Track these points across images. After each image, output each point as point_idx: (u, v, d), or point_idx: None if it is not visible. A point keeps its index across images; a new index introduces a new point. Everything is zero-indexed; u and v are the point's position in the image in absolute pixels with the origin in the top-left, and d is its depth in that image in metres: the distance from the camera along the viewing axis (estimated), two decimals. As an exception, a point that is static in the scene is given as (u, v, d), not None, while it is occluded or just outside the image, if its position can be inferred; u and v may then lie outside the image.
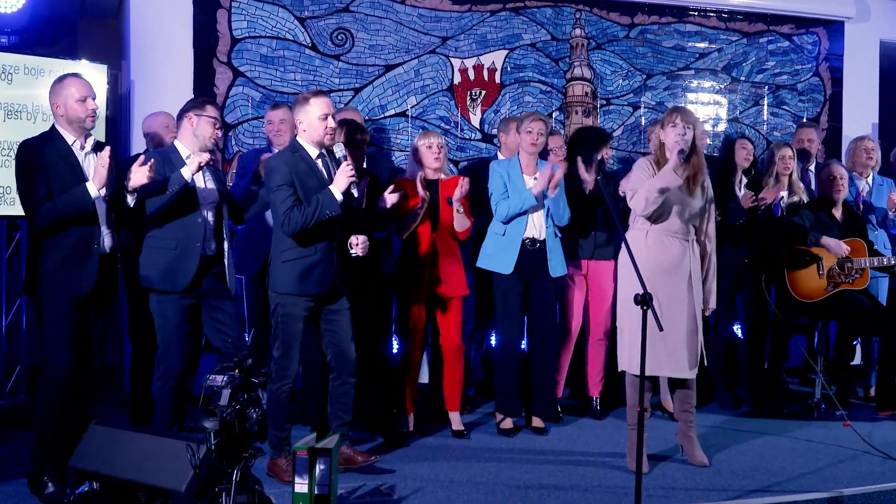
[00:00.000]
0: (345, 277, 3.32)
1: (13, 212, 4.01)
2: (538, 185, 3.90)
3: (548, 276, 4.05)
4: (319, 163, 3.30)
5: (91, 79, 3.30)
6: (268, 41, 4.86)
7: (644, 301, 2.85)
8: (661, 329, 2.94)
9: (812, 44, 5.89)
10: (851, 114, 5.90)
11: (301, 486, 2.92)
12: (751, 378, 4.68)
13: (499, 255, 4.00)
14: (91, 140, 3.21)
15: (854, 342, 4.93)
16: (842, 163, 4.81)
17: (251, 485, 2.46)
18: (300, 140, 3.32)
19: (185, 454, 2.49)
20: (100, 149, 3.19)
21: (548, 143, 4.53)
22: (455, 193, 3.86)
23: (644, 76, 5.57)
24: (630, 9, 5.51)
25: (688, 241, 3.51)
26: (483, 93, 5.26)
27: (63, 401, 3.05)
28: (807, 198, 4.66)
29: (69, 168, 3.07)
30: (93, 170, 3.11)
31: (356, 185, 3.22)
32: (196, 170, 3.17)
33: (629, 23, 5.53)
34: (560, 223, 4.06)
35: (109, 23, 5.38)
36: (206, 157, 3.18)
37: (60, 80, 3.15)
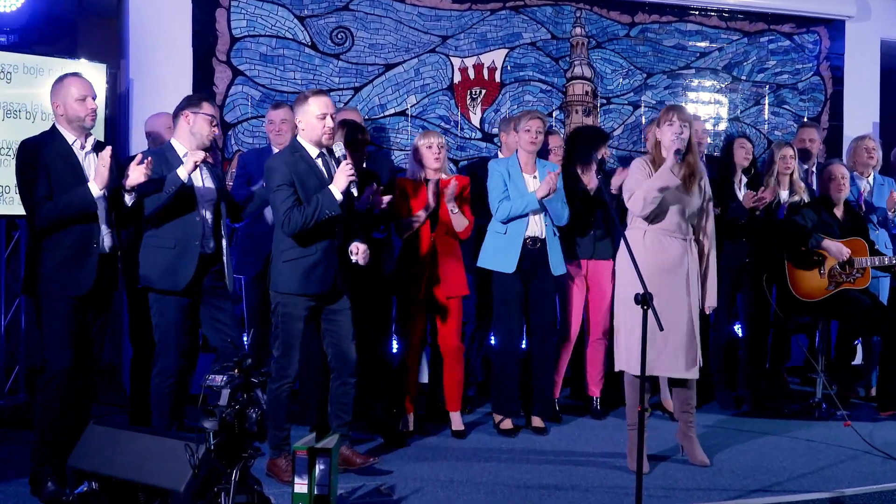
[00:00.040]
0: (346, 277, 3.31)
1: (12, 211, 4.01)
2: (542, 190, 3.87)
3: (548, 276, 4.04)
4: (319, 162, 3.29)
5: (90, 78, 3.30)
6: (267, 40, 4.85)
7: (644, 301, 2.84)
8: (662, 329, 2.93)
9: (813, 43, 5.88)
10: (852, 113, 5.89)
11: (300, 487, 2.92)
12: (751, 378, 4.68)
13: (501, 255, 3.99)
14: (91, 139, 3.20)
15: (855, 342, 4.93)
16: (843, 162, 4.81)
17: (250, 485, 2.46)
18: (300, 139, 3.31)
19: (185, 454, 2.49)
20: (100, 148, 3.19)
21: (548, 143, 4.53)
22: (446, 194, 3.84)
23: (644, 75, 5.56)
24: (630, 7, 5.50)
25: (686, 241, 3.50)
26: (483, 92, 5.25)
27: (62, 401, 3.04)
28: (808, 197, 4.65)
29: (69, 168, 3.07)
30: (93, 169, 3.11)
31: (356, 185, 3.20)
32: (192, 169, 3.15)
33: (630, 21, 5.52)
34: (559, 223, 4.05)
35: (108, 22, 5.37)
36: (202, 156, 3.16)
37: (61, 80, 3.15)
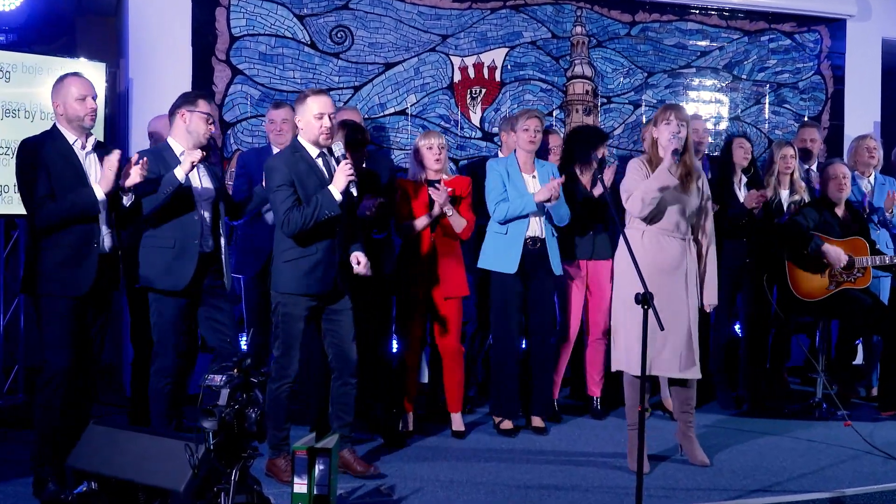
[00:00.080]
0: (347, 277, 3.30)
1: (11, 210, 4.00)
2: (542, 195, 3.86)
3: (547, 276, 4.03)
4: (320, 162, 3.28)
5: (89, 77, 3.29)
6: (267, 39, 4.84)
7: (645, 300, 2.83)
8: (663, 329, 2.92)
9: (814, 42, 5.87)
10: (853, 112, 5.88)
11: (300, 487, 2.91)
12: (751, 378, 4.67)
13: (501, 255, 3.98)
14: (91, 139, 3.20)
15: (856, 341, 4.92)
16: (844, 162, 4.79)
17: (250, 485, 2.46)
18: (301, 139, 3.30)
19: (184, 454, 2.49)
20: (101, 149, 3.19)
21: (548, 142, 4.52)
22: (437, 203, 3.81)
23: (645, 74, 5.55)
24: (631, 6, 5.49)
25: (685, 241, 3.49)
26: (483, 91, 5.24)
27: (62, 401, 3.03)
28: (808, 197, 4.64)
29: (70, 167, 3.06)
30: (94, 170, 3.11)
31: (355, 185, 3.19)
32: (189, 169, 3.14)
33: (630, 20, 5.51)
34: (561, 224, 4.04)
35: (108, 21, 5.37)
36: (199, 156, 3.15)
37: (61, 80, 3.15)
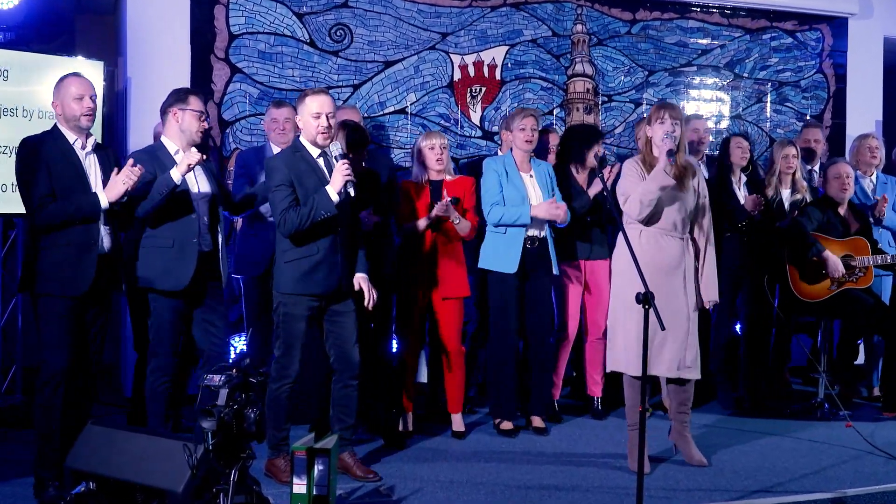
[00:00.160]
0: (350, 278, 3.28)
1: (9, 209, 3.99)
2: (539, 212, 3.86)
3: (546, 275, 4.02)
4: (321, 162, 3.26)
5: (87, 76, 3.28)
6: (266, 37, 4.82)
7: (646, 300, 2.81)
8: (664, 328, 2.91)
9: (815, 40, 5.85)
10: (855, 111, 5.86)
11: (299, 487, 2.90)
12: (751, 377, 4.65)
13: (501, 255, 3.96)
14: (92, 140, 3.19)
15: (857, 341, 4.90)
16: (848, 161, 4.76)
17: (249, 485, 2.45)
18: (301, 139, 3.29)
19: (183, 454, 2.48)
20: (100, 150, 3.20)
21: (548, 141, 4.51)
22: (441, 214, 3.79)
23: (646, 73, 5.53)
24: (632, 4, 5.47)
25: (683, 240, 3.47)
26: (483, 89, 5.22)
27: (61, 401, 3.02)
28: (810, 197, 4.62)
29: (70, 167, 3.06)
30: (93, 170, 3.12)
31: (353, 185, 3.17)
32: (186, 171, 3.13)
33: (631, 19, 5.49)
34: (562, 226, 4.04)
35: (106, 19, 5.35)
36: (197, 158, 3.12)
37: (61, 80, 3.15)
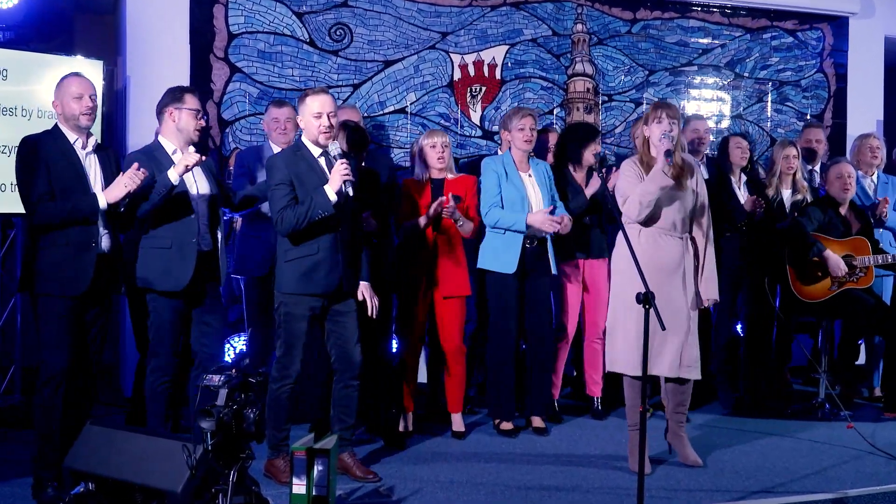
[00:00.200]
0: (352, 278, 3.27)
1: (7, 209, 3.98)
2: (535, 222, 3.85)
3: (545, 275, 4.02)
4: (322, 161, 3.25)
5: (87, 75, 3.27)
6: (265, 36, 4.81)
7: (646, 300, 2.80)
8: (664, 328, 2.90)
9: (816, 40, 5.84)
10: (856, 110, 5.86)
11: (299, 487, 2.89)
12: (752, 377, 4.64)
13: (500, 255, 3.95)
14: (92, 140, 3.19)
15: (858, 341, 4.89)
16: (850, 161, 4.75)
17: (248, 486, 2.44)
18: (303, 139, 3.29)
19: (182, 455, 2.47)
20: (100, 150, 3.19)
21: (548, 141, 4.51)
22: (445, 214, 3.78)
23: (646, 72, 5.52)
24: (632, 4, 5.47)
25: (682, 239, 3.46)
26: (483, 89, 5.21)
27: (61, 401, 3.02)
28: (811, 197, 4.61)
29: (70, 167, 3.06)
30: (93, 170, 3.12)
31: (352, 185, 3.16)
32: (183, 171, 3.11)
33: (631, 18, 5.48)
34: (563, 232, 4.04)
35: (105, 18, 5.34)
36: (195, 159, 3.11)
37: (62, 79, 3.15)
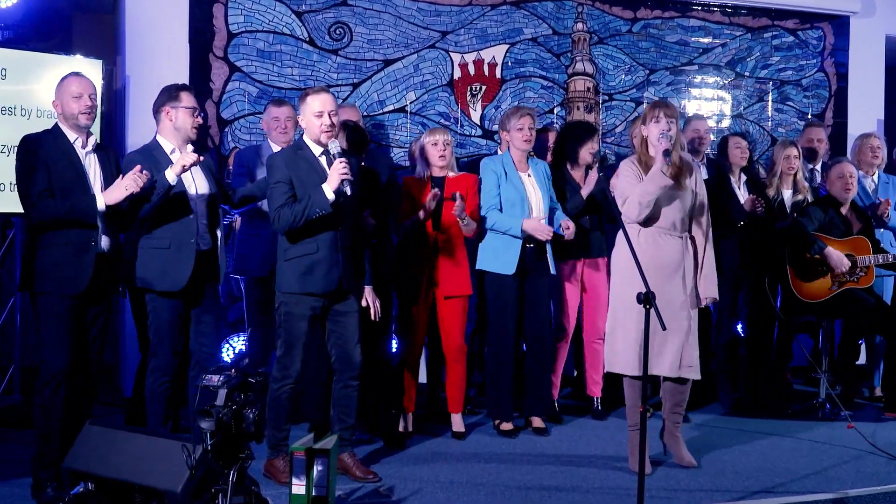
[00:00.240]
0: (352, 278, 3.26)
1: (7, 209, 3.97)
2: (530, 229, 3.85)
3: (543, 275, 4.01)
4: (323, 160, 3.24)
5: (86, 74, 3.27)
6: (265, 36, 4.81)
7: (647, 300, 2.79)
8: (665, 328, 2.89)
9: (817, 39, 5.84)
10: (856, 109, 5.86)
11: (298, 488, 2.89)
12: (752, 377, 4.64)
13: (500, 256, 3.95)
14: (92, 139, 3.18)
15: (859, 341, 4.88)
16: (851, 161, 4.74)
17: (248, 486, 2.44)
18: (305, 138, 3.28)
19: (181, 455, 2.46)
20: (100, 150, 3.18)
21: (547, 140, 4.50)
22: (455, 213, 3.75)
23: (647, 71, 5.51)
24: (633, 3, 5.46)
25: (682, 238, 3.46)
26: (483, 88, 5.20)
27: (61, 401, 3.01)
28: (811, 197, 4.60)
29: (70, 166, 3.05)
30: (93, 170, 3.11)
31: (350, 184, 3.15)
32: (181, 171, 3.11)
33: (632, 17, 5.48)
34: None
35: (105, 18, 5.34)
36: (192, 159, 3.10)
37: (62, 79, 3.15)
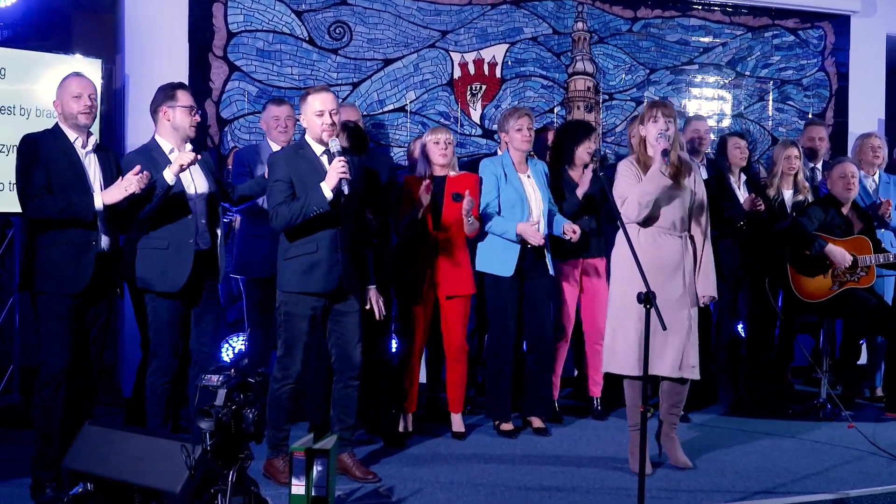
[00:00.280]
0: (353, 277, 3.26)
1: (6, 209, 3.97)
2: (524, 233, 3.85)
3: (543, 275, 4.01)
4: (324, 159, 3.23)
5: (85, 73, 3.27)
6: (264, 35, 4.80)
7: (647, 300, 2.79)
8: (665, 328, 2.89)
9: (818, 38, 5.83)
10: (857, 109, 5.85)
11: (298, 488, 2.88)
12: (752, 377, 4.63)
13: (498, 258, 3.94)
14: (92, 139, 3.18)
15: (860, 341, 4.87)
16: (853, 160, 4.73)
17: (247, 486, 2.43)
18: (306, 137, 3.28)
19: (181, 455, 2.46)
20: (100, 150, 3.18)
21: (547, 140, 4.50)
22: (463, 209, 3.75)
23: (647, 71, 5.50)
24: (633, 2, 5.45)
25: (682, 238, 3.45)
26: (483, 87, 5.20)
27: (61, 401, 3.01)
28: (812, 197, 4.60)
29: (70, 166, 3.05)
30: (93, 170, 3.11)
31: (348, 183, 3.14)
32: (178, 171, 3.10)
33: (632, 16, 5.47)
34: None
35: (104, 17, 5.33)
36: (190, 159, 3.09)
37: (63, 79, 3.15)
